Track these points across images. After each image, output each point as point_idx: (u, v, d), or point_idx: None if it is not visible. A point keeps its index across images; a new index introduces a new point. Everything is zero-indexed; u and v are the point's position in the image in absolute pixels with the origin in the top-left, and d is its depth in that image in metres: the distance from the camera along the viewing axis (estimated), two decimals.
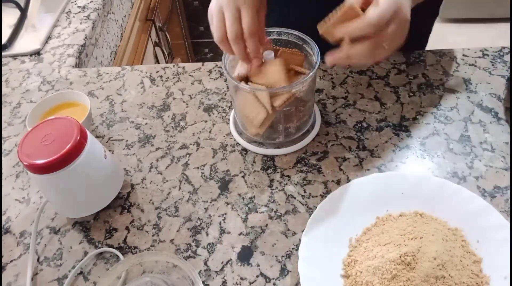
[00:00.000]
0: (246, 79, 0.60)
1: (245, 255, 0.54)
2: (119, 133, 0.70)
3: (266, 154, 0.64)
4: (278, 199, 0.59)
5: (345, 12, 0.47)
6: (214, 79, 0.77)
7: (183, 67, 0.80)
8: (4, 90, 0.81)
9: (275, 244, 0.54)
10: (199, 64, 0.80)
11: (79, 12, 0.99)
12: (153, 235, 0.57)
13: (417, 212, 0.54)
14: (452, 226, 0.52)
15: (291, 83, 0.57)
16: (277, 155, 0.64)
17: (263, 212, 0.58)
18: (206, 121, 0.70)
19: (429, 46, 0.89)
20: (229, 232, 0.56)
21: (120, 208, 0.60)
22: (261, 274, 0.52)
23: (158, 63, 1.45)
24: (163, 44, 1.53)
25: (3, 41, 0.89)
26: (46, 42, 0.91)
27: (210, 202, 0.59)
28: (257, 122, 0.60)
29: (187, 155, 0.65)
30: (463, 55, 0.76)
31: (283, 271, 0.52)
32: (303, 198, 0.59)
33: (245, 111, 0.61)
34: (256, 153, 0.64)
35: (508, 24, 2.29)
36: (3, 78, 0.83)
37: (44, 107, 0.68)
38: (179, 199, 0.60)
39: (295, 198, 0.59)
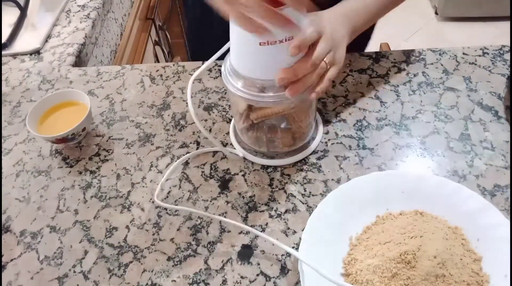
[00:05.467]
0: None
1: (245, 254, 0.54)
2: (119, 132, 0.70)
3: (265, 164, 0.63)
4: (278, 198, 0.59)
5: None
6: (214, 78, 0.77)
7: (183, 66, 0.80)
8: (4, 89, 0.81)
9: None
10: (199, 63, 0.80)
11: (79, 11, 0.99)
12: (153, 234, 0.57)
13: (417, 210, 0.54)
14: (452, 225, 0.52)
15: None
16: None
17: (263, 211, 0.58)
18: (206, 120, 0.70)
19: (429, 45, 0.89)
20: (229, 231, 0.56)
21: (120, 207, 0.60)
22: (261, 272, 0.52)
23: (158, 62, 1.45)
24: (163, 43, 1.53)
25: (3, 40, 0.89)
26: (46, 41, 0.91)
27: (210, 201, 0.59)
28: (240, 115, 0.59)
29: (187, 154, 0.65)
30: (463, 53, 0.76)
31: (283, 270, 0.52)
32: (303, 197, 0.59)
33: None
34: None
35: (508, 23, 2.29)
36: (3, 77, 0.83)
37: (44, 106, 0.68)
38: (179, 198, 0.60)
39: (295, 196, 0.59)
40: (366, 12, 0.63)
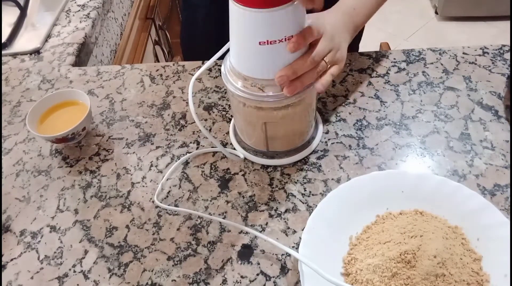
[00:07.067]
0: None
1: (245, 253, 0.54)
2: (119, 132, 0.70)
3: (264, 164, 0.63)
4: (278, 198, 0.59)
5: None
6: (214, 78, 0.77)
7: (183, 66, 0.80)
8: (4, 89, 0.81)
9: None
10: (199, 62, 0.80)
11: (79, 10, 0.99)
12: (153, 234, 0.57)
13: (417, 210, 0.54)
14: (452, 224, 0.52)
15: None
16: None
17: (263, 211, 0.58)
18: (206, 120, 0.70)
19: (429, 45, 0.89)
20: (229, 231, 0.56)
21: (120, 207, 0.60)
22: (262, 272, 0.52)
23: (158, 61, 1.45)
24: (163, 42, 1.53)
25: (3, 39, 0.89)
26: (46, 40, 0.91)
27: (210, 201, 0.59)
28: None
29: (187, 154, 0.65)
30: (463, 53, 0.76)
31: (283, 269, 0.52)
32: (303, 197, 0.59)
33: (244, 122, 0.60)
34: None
35: (508, 22, 2.29)
36: (3, 77, 0.83)
37: (44, 105, 0.68)
38: (179, 198, 0.60)
39: (295, 196, 0.59)
40: (364, 8, 0.63)
